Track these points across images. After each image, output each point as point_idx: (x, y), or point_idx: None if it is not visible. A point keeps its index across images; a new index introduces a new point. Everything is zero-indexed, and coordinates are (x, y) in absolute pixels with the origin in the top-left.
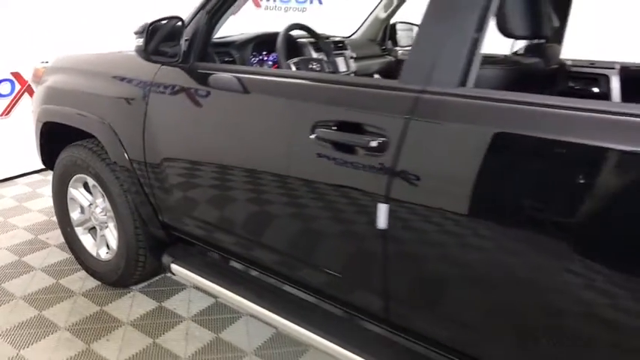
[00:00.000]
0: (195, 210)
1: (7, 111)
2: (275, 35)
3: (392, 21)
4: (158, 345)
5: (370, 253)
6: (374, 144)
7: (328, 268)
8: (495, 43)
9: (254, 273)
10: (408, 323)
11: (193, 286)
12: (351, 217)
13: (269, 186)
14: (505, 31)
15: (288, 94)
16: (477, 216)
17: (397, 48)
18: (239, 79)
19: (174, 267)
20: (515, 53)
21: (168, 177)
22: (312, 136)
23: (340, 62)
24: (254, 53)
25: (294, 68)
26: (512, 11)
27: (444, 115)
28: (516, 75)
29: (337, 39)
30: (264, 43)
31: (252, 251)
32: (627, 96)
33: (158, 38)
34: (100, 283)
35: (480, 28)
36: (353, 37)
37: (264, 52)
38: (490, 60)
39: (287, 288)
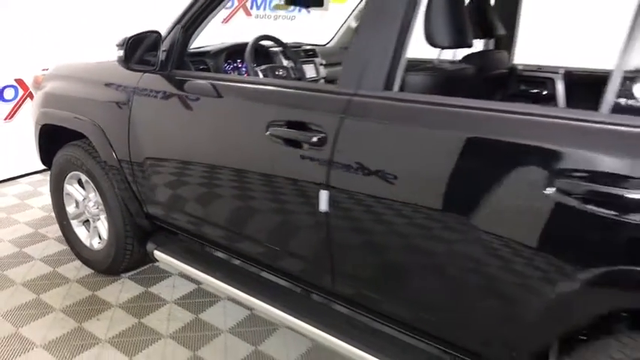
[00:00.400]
0: (174, 202)
1: (11, 115)
2: (246, 45)
3: None
4: (143, 324)
5: (316, 234)
6: (315, 139)
7: (280, 247)
8: None
9: (235, 261)
10: (347, 291)
11: (178, 274)
12: (299, 203)
13: (234, 178)
14: (431, 42)
15: (248, 97)
16: (398, 198)
17: None
18: (210, 84)
19: (156, 253)
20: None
21: (150, 173)
22: (267, 133)
23: (309, 69)
24: (229, 61)
25: (261, 75)
26: (436, 24)
27: (370, 115)
28: (445, 80)
29: (308, 47)
30: (237, 52)
31: (225, 237)
32: (571, 98)
33: (141, 49)
34: (93, 271)
35: (402, 38)
36: (328, 45)
37: (239, 60)
38: (420, 67)
39: (261, 274)
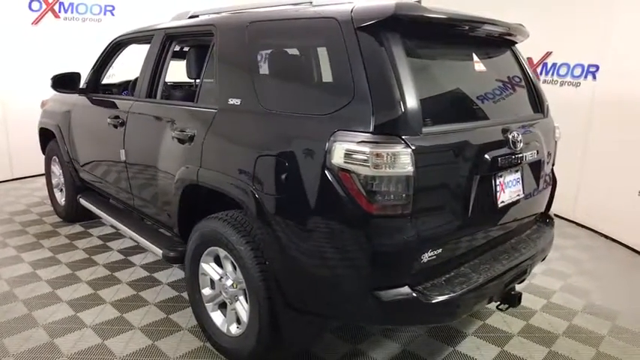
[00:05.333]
0: (87, 169)
1: None
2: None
3: None
4: (73, 244)
5: (124, 174)
6: (118, 122)
7: (114, 185)
8: None
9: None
10: (137, 204)
11: (108, 223)
12: (117, 158)
13: (103, 150)
14: (187, 75)
15: (107, 105)
16: (142, 150)
17: None
18: (104, 100)
19: (80, 200)
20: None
21: (78, 155)
22: (107, 122)
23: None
24: (127, 90)
25: None
26: (188, 68)
27: (138, 110)
28: (186, 91)
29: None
30: (128, 84)
31: (106, 189)
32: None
33: (71, 81)
34: (61, 219)
35: (157, 74)
36: None
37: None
38: (178, 86)
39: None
